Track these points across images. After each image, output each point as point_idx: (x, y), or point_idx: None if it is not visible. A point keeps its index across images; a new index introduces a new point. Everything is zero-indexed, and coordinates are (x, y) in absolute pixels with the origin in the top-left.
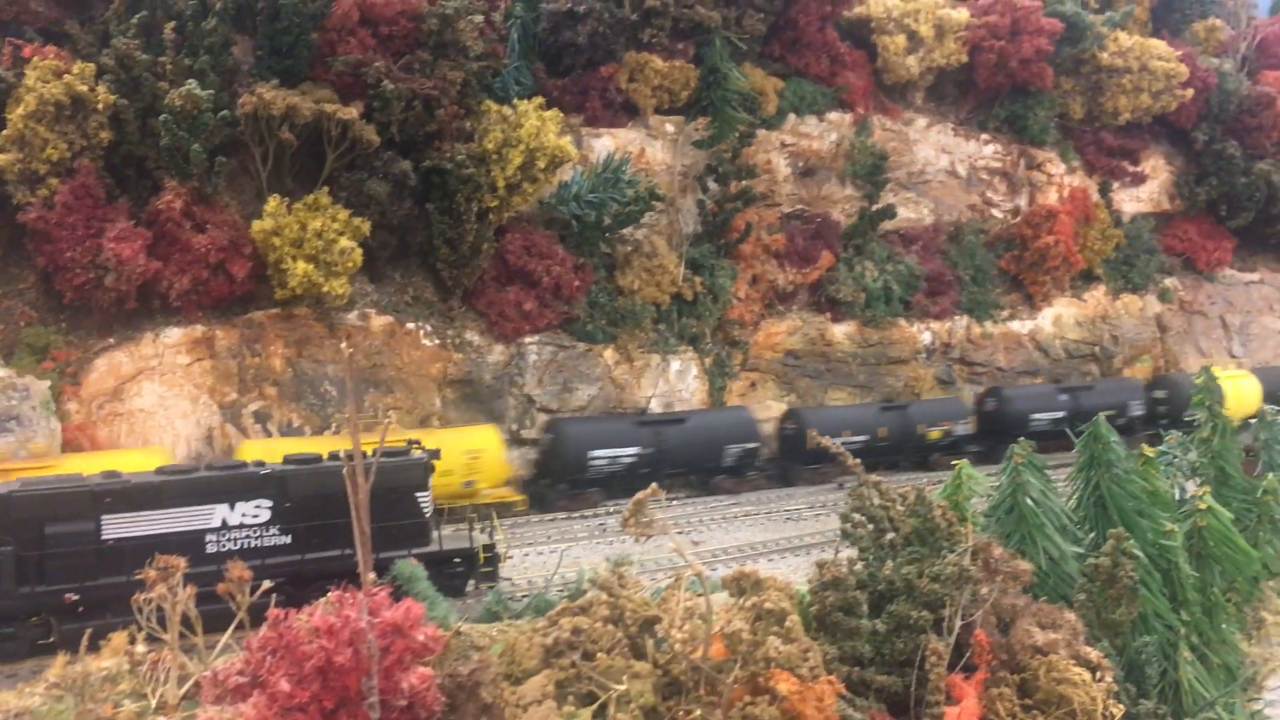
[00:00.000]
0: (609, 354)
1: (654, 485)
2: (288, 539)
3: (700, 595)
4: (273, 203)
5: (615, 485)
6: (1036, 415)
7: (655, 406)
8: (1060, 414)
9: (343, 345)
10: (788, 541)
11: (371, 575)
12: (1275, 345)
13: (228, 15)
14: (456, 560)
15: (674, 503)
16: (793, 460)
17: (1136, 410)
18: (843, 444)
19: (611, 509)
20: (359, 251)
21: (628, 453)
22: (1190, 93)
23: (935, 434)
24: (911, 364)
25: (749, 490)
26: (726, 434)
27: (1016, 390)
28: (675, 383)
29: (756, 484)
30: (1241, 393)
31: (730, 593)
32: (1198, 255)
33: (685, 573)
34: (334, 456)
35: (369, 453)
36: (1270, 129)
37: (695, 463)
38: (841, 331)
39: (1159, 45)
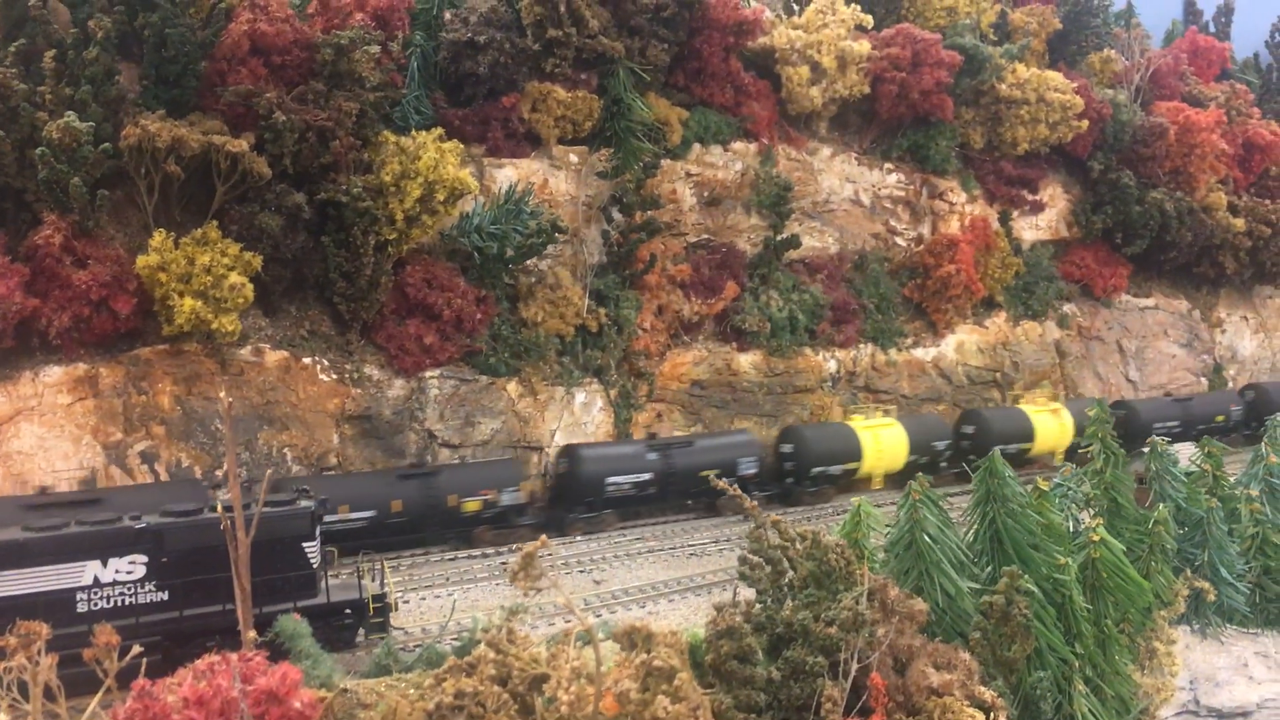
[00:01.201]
0: (512, 387)
1: (543, 538)
2: (165, 595)
3: (590, 647)
4: (158, 237)
5: None
6: (615, 479)
7: (560, 439)
8: (647, 476)
9: (221, 394)
10: (690, 580)
11: (252, 634)
12: (1170, 369)
13: (111, 44)
14: (347, 611)
15: None
16: None
17: (749, 469)
18: (339, 523)
19: None
20: (250, 287)
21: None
22: (1086, 123)
23: (473, 505)
24: (817, 392)
25: None
26: None
27: (594, 449)
28: (580, 415)
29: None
30: (882, 444)
31: (622, 646)
32: (1095, 282)
33: (575, 628)
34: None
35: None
36: (1163, 159)
37: None
38: (747, 361)
39: (1055, 77)
